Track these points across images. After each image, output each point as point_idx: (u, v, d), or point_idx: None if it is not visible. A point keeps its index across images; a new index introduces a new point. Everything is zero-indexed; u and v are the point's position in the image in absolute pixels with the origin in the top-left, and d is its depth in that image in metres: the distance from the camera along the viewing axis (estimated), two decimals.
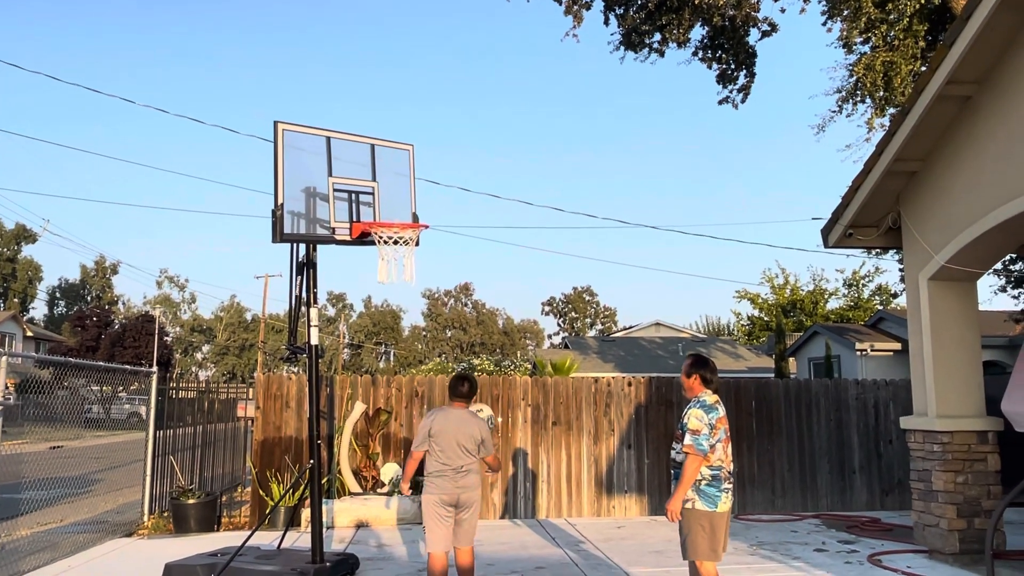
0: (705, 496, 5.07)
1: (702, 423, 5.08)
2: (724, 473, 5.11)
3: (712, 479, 5.08)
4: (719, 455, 5.11)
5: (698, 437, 5.05)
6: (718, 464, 5.10)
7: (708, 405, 5.17)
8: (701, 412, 5.13)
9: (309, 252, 7.17)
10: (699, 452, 5.03)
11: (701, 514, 5.06)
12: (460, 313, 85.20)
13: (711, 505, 5.05)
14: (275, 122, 6.88)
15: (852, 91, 17.55)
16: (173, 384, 11.32)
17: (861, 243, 9.10)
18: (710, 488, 5.07)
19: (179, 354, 74.37)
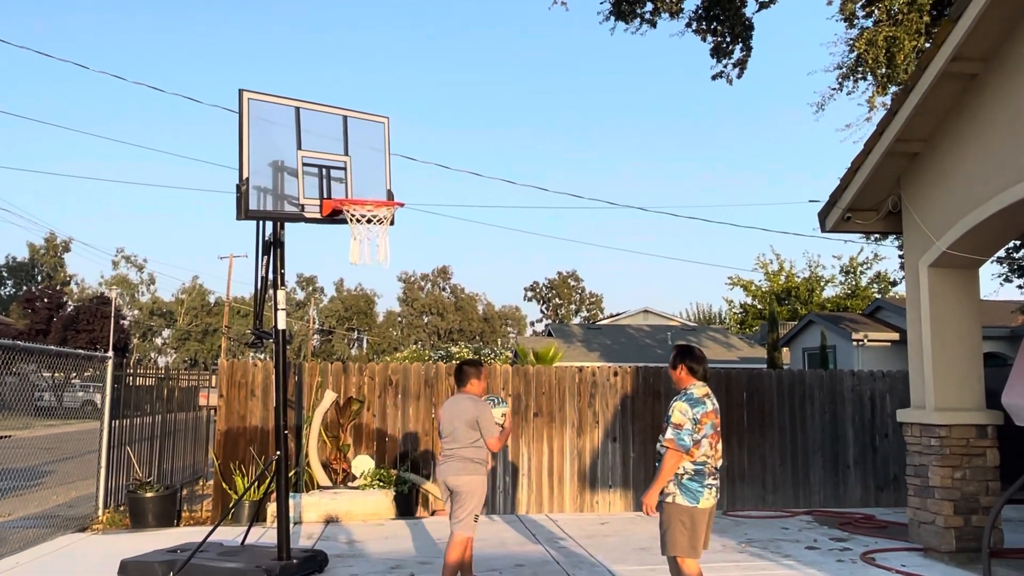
0: (686, 491, 5.12)
1: (685, 417, 5.12)
2: (708, 468, 5.17)
3: (695, 474, 5.14)
4: (705, 451, 5.15)
5: (680, 432, 5.10)
6: (703, 459, 5.15)
7: (695, 399, 5.21)
8: (686, 406, 5.17)
9: (276, 230, 7.11)
10: (679, 447, 5.08)
11: (681, 509, 5.13)
12: (438, 298, 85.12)
13: (692, 500, 5.11)
14: (240, 90, 6.80)
15: (853, 67, 17.62)
16: (130, 370, 11.23)
17: (860, 227, 9.17)
18: (692, 483, 5.13)
19: (137, 339, 73.76)
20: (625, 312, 46.79)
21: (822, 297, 40.54)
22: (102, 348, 42.91)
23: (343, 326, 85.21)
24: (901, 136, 8.04)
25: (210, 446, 12.71)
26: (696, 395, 5.23)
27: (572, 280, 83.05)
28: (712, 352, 34.16)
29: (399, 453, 10.55)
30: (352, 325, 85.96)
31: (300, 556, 6.93)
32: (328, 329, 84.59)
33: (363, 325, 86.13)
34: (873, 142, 8.31)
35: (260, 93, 6.90)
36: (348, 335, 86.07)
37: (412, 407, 10.66)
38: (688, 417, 5.12)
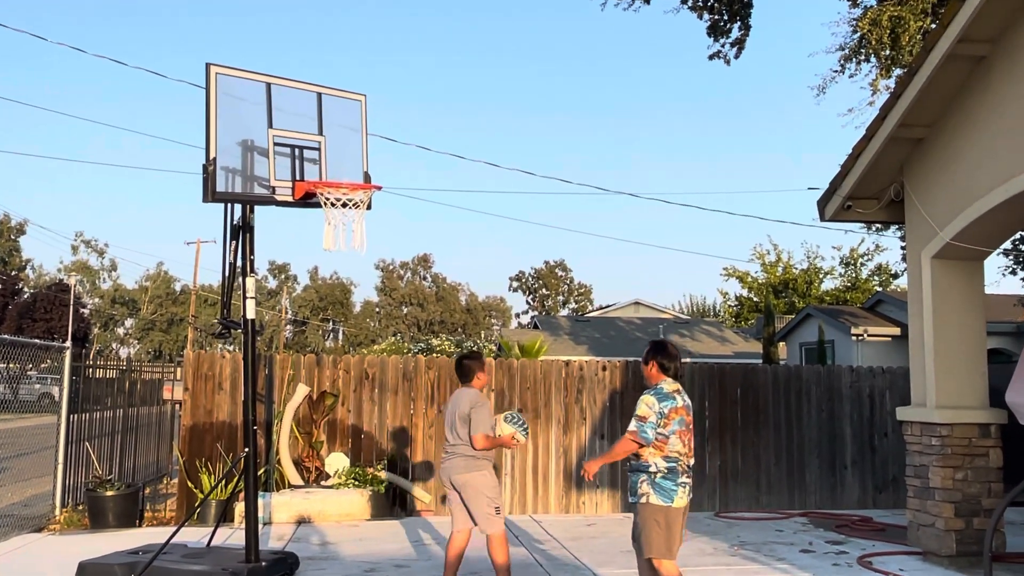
0: (660, 490, 5.21)
1: (651, 410, 5.25)
2: (682, 466, 5.27)
3: (668, 472, 5.23)
4: (676, 447, 5.25)
5: (643, 424, 5.23)
6: (675, 456, 5.25)
7: (664, 393, 5.33)
8: (653, 399, 5.29)
9: (246, 214, 7.05)
10: (641, 439, 5.22)
11: (656, 509, 5.22)
12: (418, 288, 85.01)
13: (667, 499, 5.20)
14: (207, 64, 6.72)
15: (856, 49, 17.67)
16: (90, 362, 11.15)
17: (861, 217, 9.21)
18: (666, 481, 5.22)
19: (98, 328, 73.22)
20: (615, 304, 46.92)
21: (821, 290, 40.77)
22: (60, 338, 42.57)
23: (317, 316, 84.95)
24: (905, 121, 8.07)
25: (175, 442, 12.65)
26: (666, 390, 5.36)
27: (560, 270, 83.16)
28: (706, 346, 34.32)
29: (376, 451, 10.54)
30: (327, 315, 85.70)
31: (269, 558, 6.91)
32: (301, 320, 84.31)
33: (339, 316, 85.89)
34: (875, 127, 8.34)
35: (229, 68, 6.82)
36: (323, 326, 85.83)
37: (390, 402, 10.64)
38: (654, 410, 5.25)
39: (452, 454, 6.19)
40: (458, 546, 6.24)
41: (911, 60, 11.75)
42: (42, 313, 43.94)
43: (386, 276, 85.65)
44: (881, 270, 40.34)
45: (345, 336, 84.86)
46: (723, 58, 18.53)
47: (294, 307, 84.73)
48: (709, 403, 11.21)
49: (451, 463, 6.17)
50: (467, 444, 6.11)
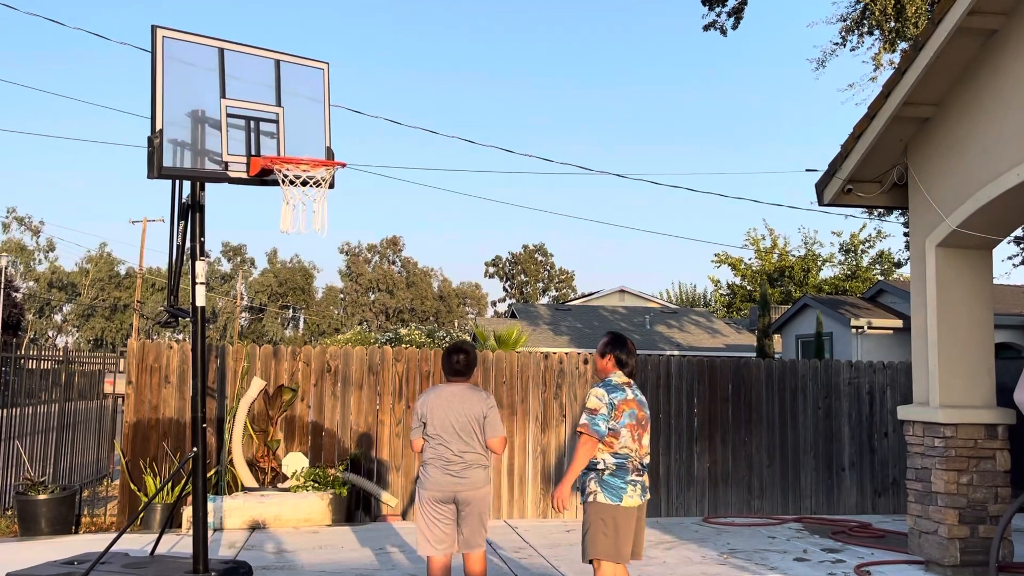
0: (608, 488, 5.29)
1: (601, 403, 5.34)
2: (632, 464, 5.35)
3: (617, 469, 5.31)
4: (626, 442, 5.34)
5: (594, 417, 5.31)
6: (624, 452, 5.34)
7: (613, 385, 5.44)
8: (603, 391, 5.39)
9: (196, 191, 6.96)
10: (593, 432, 5.28)
11: (603, 508, 5.30)
12: (386, 273, 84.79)
13: (614, 498, 5.28)
14: (153, 27, 6.60)
15: (858, 20, 17.79)
16: (23, 352, 11.02)
17: (861, 201, 9.27)
18: (613, 479, 5.30)
19: (32, 315, 72.39)
20: (599, 292, 47.08)
21: (819, 278, 41.14)
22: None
23: (276, 303, 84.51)
24: (910, 99, 8.11)
25: (117, 440, 12.54)
26: (615, 381, 5.48)
27: (539, 255, 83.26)
28: (695, 338, 34.54)
29: (338, 450, 10.51)
30: (287, 302, 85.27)
31: (220, 568, 6.86)
32: (259, 307, 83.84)
33: (299, 303, 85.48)
34: (878, 105, 8.38)
35: (177, 31, 6.71)
36: (282, 314, 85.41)
37: (354, 397, 10.60)
38: (604, 402, 5.34)
39: (467, 464, 5.76)
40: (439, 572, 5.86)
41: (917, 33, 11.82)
42: None
43: (351, 260, 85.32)
44: (883, 258, 40.77)
45: (306, 325, 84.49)
46: (719, 28, 18.58)
47: (250, 293, 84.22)
48: (698, 400, 11.27)
49: (469, 474, 5.76)
50: (483, 451, 5.82)
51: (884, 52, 17.32)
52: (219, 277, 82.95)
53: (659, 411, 11.15)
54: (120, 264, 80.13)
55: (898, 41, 17.05)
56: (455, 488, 5.74)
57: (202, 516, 6.78)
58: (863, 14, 17.45)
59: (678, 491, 11.08)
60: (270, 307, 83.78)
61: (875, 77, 17.98)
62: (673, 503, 11.05)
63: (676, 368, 11.32)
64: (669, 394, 11.23)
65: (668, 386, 11.24)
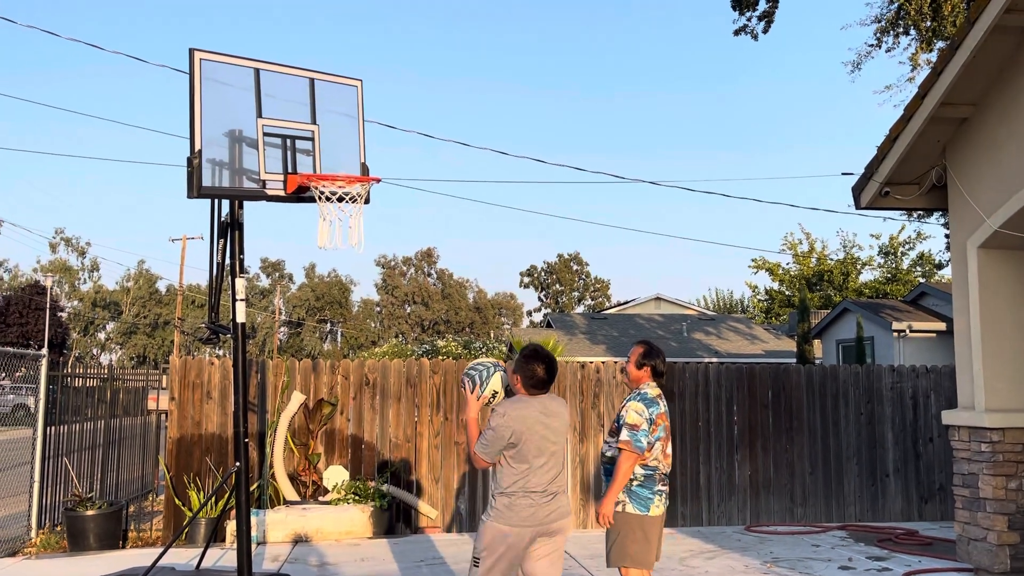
0: (637, 498, 5.38)
1: (642, 418, 5.38)
2: (659, 474, 5.44)
3: (645, 479, 5.40)
4: (656, 454, 5.43)
5: (636, 433, 5.35)
6: (653, 464, 5.42)
7: (650, 399, 5.47)
8: (642, 406, 5.42)
9: (234, 210, 7.08)
10: (635, 449, 5.32)
11: (632, 517, 5.39)
12: (422, 285, 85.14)
13: (643, 508, 5.38)
14: (191, 50, 6.74)
15: (893, 20, 17.60)
16: (69, 370, 11.22)
17: (899, 204, 9.18)
18: (642, 489, 5.39)
19: (77, 333, 73.66)
20: (634, 300, 46.90)
21: (858, 282, 40.65)
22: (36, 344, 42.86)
23: (314, 317, 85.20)
24: (947, 99, 8.02)
25: (161, 456, 12.71)
26: (650, 395, 5.50)
27: (575, 264, 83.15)
28: (733, 345, 34.27)
29: (377, 463, 10.57)
30: (324, 316, 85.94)
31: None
32: (297, 321, 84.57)
33: (337, 316, 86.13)
34: (915, 106, 8.30)
35: (214, 53, 6.84)
36: (320, 328, 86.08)
37: (392, 410, 10.67)
38: (644, 418, 5.39)
39: (559, 491, 4.86)
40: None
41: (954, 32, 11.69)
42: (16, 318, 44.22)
43: (387, 273, 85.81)
44: (924, 260, 40.19)
45: (344, 338, 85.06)
46: (750, 33, 18.50)
47: (288, 307, 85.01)
48: (737, 407, 11.20)
49: (559, 501, 4.86)
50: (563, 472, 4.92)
51: (921, 52, 17.14)
52: (258, 292, 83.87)
53: (698, 419, 11.09)
54: (159, 280, 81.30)
55: (935, 40, 16.86)
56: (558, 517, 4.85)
57: (245, 530, 6.86)
58: (898, 14, 17.28)
59: (719, 500, 11.01)
60: (308, 321, 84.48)
61: (912, 78, 17.81)
62: (714, 512, 10.97)
63: (715, 375, 11.26)
64: (708, 402, 11.16)
65: (707, 394, 11.18)
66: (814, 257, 41.42)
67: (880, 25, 17.77)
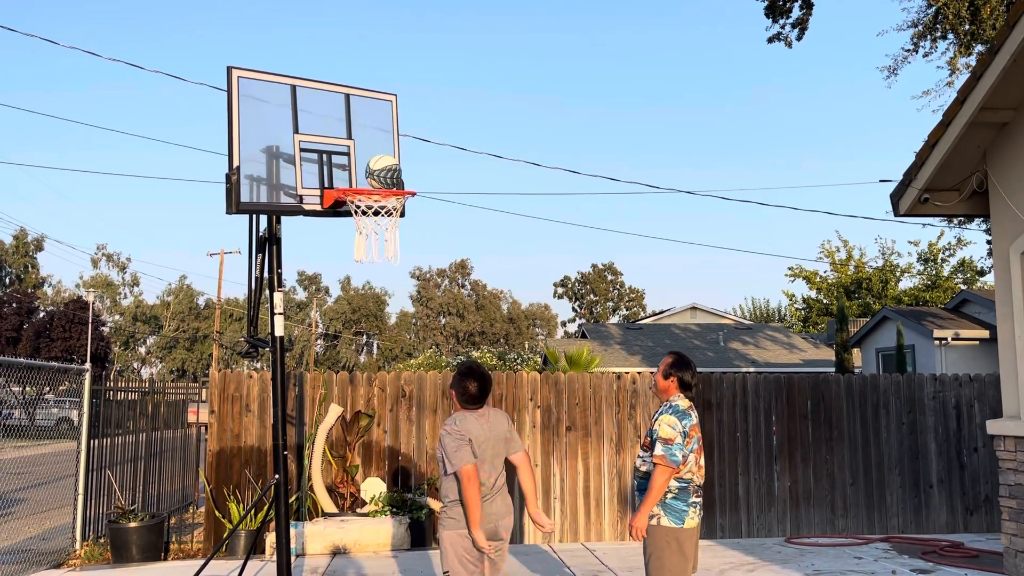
0: (671, 511, 5.33)
1: (675, 431, 5.32)
2: (693, 486, 5.40)
3: (679, 492, 5.35)
4: (691, 466, 5.38)
5: (671, 447, 5.29)
6: (688, 476, 5.37)
7: (681, 411, 5.40)
8: (674, 419, 5.36)
9: (272, 225, 7.16)
10: (671, 463, 5.27)
11: (667, 531, 5.34)
12: (456, 296, 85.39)
13: (678, 521, 5.33)
14: (229, 68, 6.84)
15: (931, 25, 17.40)
16: (111, 384, 11.38)
17: (939, 210, 9.05)
18: (676, 502, 5.34)
19: (118, 347, 74.75)
20: (670, 310, 46.63)
21: (898, 290, 40.10)
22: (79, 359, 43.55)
23: (350, 330, 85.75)
24: (987, 104, 7.91)
25: (201, 468, 12.85)
26: (682, 407, 5.44)
27: (609, 274, 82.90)
28: (772, 354, 33.94)
29: (415, 474, 10.60)
30: (360, 328, 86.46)
31: None
32: (333, 333, 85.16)
33: (373, 328, 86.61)
34: (954, 111, 8.19)
35: (251, 70, 6.94)
36: (356, 340, 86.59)
37: (428, 422, 10.70)
38: (678, 431, 5.34)
39: (498, 490, 5.42)
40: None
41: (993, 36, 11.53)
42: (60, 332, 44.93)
43: (422, 285, 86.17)
44: (965, 266, 39.56)
45: (380, 350, 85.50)
46: (784, 40, 18.40)
47: (325, 320, 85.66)
48: (776, 418, 11.09)
49: (504, 501, 5.44)
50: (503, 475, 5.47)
51: (960, 56, 16.93)
52: (295, 305, 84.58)
53: (736, 430, 11.00)
54: (199, 296, 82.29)
55: (974, 44, 16.65)
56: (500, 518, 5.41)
57: (285, 542, 6.91)
58: (936, 18, 17.09)
59: (758, 511, 10.90)
60: (344, 334, 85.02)
61: (951, 82, 17.60)
62: (754, 523, 10.86)
63: (752, 385, 11.16)
64: (746, 412, 11.07)
65: (745, 404, 11.08)
66: (852, 265, 40.96)
67: (917, 30, 17.59)
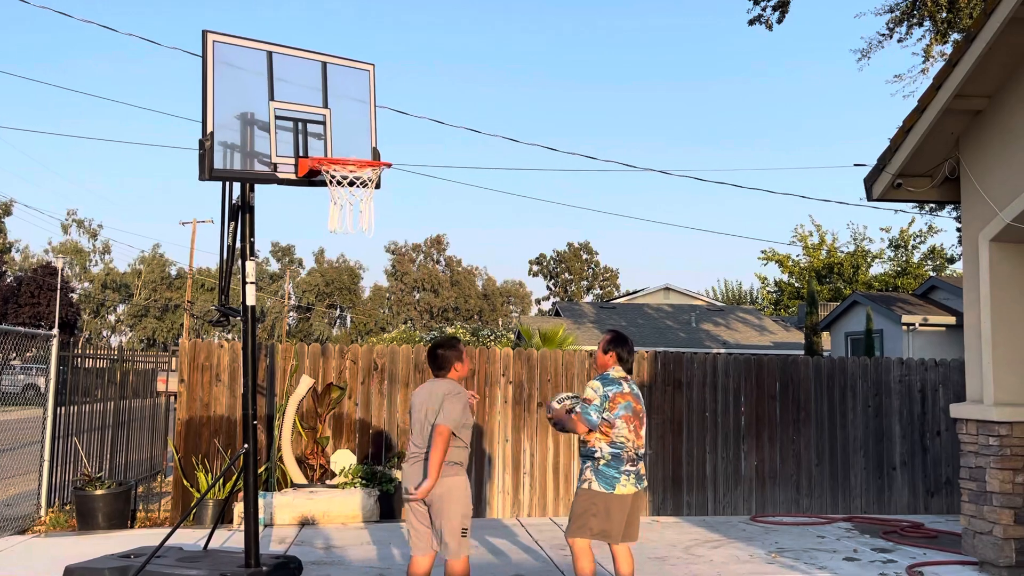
0: (602, 477, 5.63)
1: (596, 394, 5.71)
2: (627, 454, 5.69)
3: (612, 458, 5.65)
4: (622, 432, 5.68)
5: (587, 407, 5.69)
6: (620, 442, 5.67)
7: (611, 379, 5.84)
8: (598, 384, 5.75)
9: (245, 193, 7.08)
10: (585, 422, 5.66)
11: (595, 495, 5.67)
12: (431, 272, 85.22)
13: (608, 487, 5.62)
14: (204, 31, 6.74)
15: (908, 11, 17.46)
16: (79, 351, 11.26)
17: (912, 196, 9.13)
18: (608, 468, 5.64)
19: (87, 315, 74.01)
20: (644, 290, 46.87)
21: (868, 275, 40.52)
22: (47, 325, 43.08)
23: (323, 303, 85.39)
24: (961, 91, 7.97)
25: (170, 437, 12.79)
26: (612, 375, 5.83)
27: (584, 253, 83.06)
28: (742, 336, 34.22)
29: (385, 447, 10.61)
30: (334, 302, 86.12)
31: (270, 563, 6.97)
32: (306, 306, 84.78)
33: (346, 302, 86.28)
34: (929, 98, 8.24)
35: (227, 35, 6.83)
36: (329, 313, 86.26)
37: (400, 395, 10.70)
38: (599, 394, 5.70)
39: (419, 458, 5.69)
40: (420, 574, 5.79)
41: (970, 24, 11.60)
42: (28, 298, 44.45)
43: (397, 259, 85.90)
44: (935, 253, 40.03)
45: (353, 324, 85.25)
46: (764, 23, 18.40)
47: (298, 292, 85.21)
48: (745, 398, 11.19)
49: (417, 468, 5.68)
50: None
51: (935, 43, 17.02)
52: (268, 277, 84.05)
53: (705, 409, 11.09)
54: (171, 265, 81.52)
55: (950, 32, 16.73)
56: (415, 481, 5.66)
57: (253, 512, 6.89)
58: (914, 4, 17.16)
59: (725, 490, 11.01)
60: (317, 306, 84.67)
61: (926, 69, 17.68)
62: (720, 502, 10.98)
63: (723, 366, 11.25)
64: (716, 392, 11.16)
65: (715, 384, 11.17)
66: (824, 249, 41.30)
67: (894, 16, 17.65)
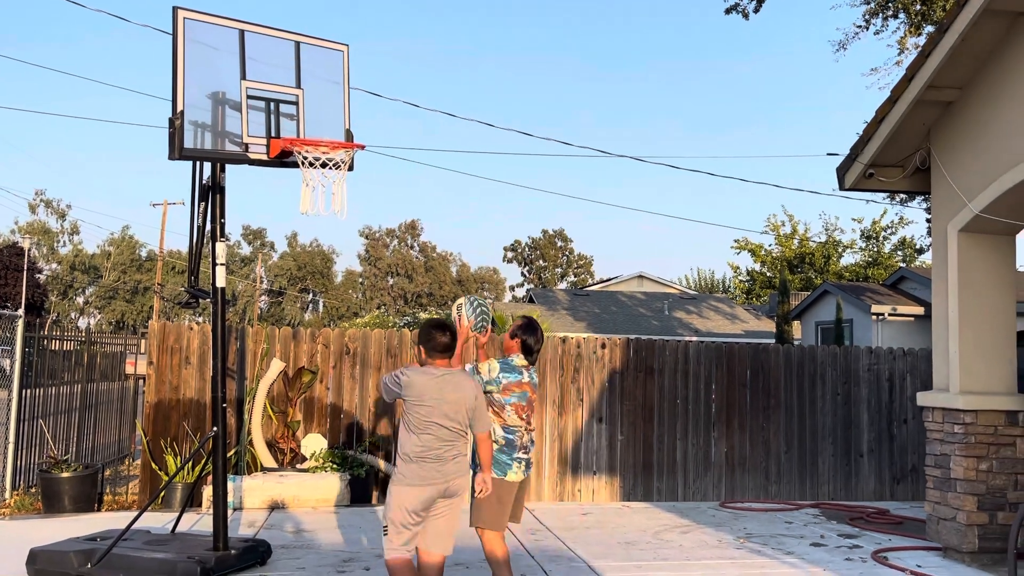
0: (495, 463, 5.71)
1: (490, 374, 5.77)
2: (520, 441, 5.78)
3: (505, 445, 5.74)
4: (513, 419, 5.75)
5: (481, 376, 5.72)
6: (513, 427, 5.75)
7: (512, 366, 5.85)
8: (497, 366, 5.80)
9: (216, 173, 7.02)
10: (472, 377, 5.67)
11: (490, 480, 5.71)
12: (405, 257, 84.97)
13: (500, 473, 5.71)
14: (175, 8, 6.65)
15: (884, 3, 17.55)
16: (46, 332, 11.13)
17: (883, 185, 9.20)
18: (501, 455, 5.73)
19: (55, 296, 73.12)
20: (617, 277, 47.03)
21: (839, 265, 40.88)
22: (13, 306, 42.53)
23: (295, 287, 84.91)
24: (934, 82, 8.03)
25: (138, 420, 12.69)
26: (514, 363, 5.87)
27: (559, 240, 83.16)
28: (714, 324, 34.43)
29: (356, 432, 10.58)
30: (306, 286, 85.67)
31: (239, 546, 6.95)
32: (278, 290, 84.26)
33: (319, 286, 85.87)
34: (901, 89, 8.30)
35: (198, 12, 6.75)
36: (301, 297, 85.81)
37: (372, 380, 10.66)
38: (492, 376, 5.75)
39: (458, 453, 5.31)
40: None
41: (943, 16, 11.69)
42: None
43: (371, 244, 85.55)
44: (905, 244, 40.44)
45: (325, 308, 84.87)
46: (741, 11, 18.44)
47: (270, 276, 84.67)
48: (716, 385, 11.26)
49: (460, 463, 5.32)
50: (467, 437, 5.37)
51: (909, 35, 17.14)
52: (239, 260, 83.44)
53: (676, 396, 11.15)
54: (141, 247, 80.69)
55: (924, 24, 16.86)
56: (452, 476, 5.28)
57: (222, 495, 6.87)
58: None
59: (695, 476, 11.09)
60: (289, 291, 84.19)
61: (900, 61, 17.82)
62: (690, 487, 11.06)
63: (694, 353, 11.31)
64: (687, 379, 11.22)
65: (686, 371, 11.23)
66: (796, 239, 41.60)
67: (869, 7, 17.75)
